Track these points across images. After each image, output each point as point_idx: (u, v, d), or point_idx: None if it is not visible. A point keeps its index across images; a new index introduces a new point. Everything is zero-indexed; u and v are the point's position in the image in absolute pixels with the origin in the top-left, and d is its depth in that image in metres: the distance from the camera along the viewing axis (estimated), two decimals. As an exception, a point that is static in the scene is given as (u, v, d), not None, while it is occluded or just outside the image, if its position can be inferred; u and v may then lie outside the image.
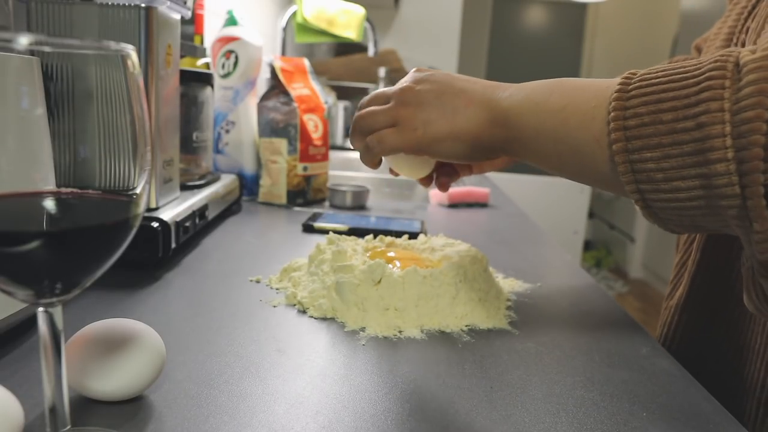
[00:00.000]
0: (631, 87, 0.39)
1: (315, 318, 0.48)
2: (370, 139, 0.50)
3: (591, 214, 3.73)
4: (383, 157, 0.53)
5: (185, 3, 0.62)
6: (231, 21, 0.95)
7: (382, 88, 0.56)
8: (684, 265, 0.62)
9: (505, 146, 0.47)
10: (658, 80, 0.38)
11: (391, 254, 0.57)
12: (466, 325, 0.48)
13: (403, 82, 0.51)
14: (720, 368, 0.56)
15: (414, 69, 0.52)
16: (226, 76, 0.93)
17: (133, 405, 0.34)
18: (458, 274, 0.51)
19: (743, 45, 0.61)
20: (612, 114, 0.39)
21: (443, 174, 0.58)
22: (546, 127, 0.44)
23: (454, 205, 1.05)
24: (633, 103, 0.38)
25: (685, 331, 0.63)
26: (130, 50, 0.26)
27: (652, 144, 0.37)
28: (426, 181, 0.57)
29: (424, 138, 0.48)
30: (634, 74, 0.40)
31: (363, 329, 0.46)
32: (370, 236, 0.67)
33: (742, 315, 0.53)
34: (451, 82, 0.49)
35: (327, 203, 0.98)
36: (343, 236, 0.63)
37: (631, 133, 0.38)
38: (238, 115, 0.94)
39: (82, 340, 0.33)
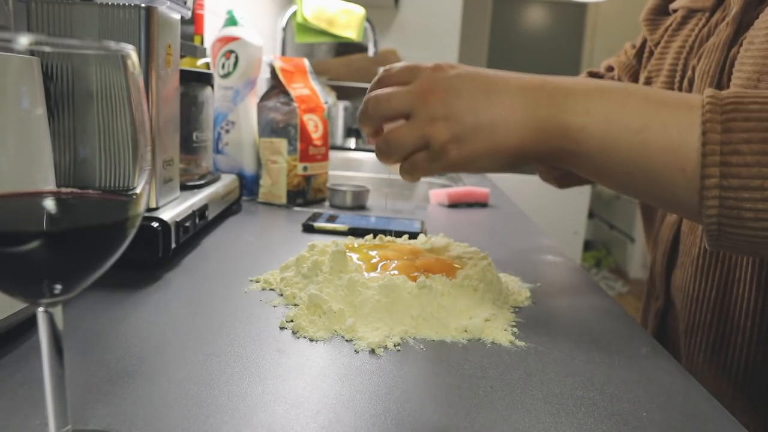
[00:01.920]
0: (725, 117, 0.36)
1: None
2: (404, 166, 0.46)
3: (591, 214, 3.73)
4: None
5: (185, 3, 0.62)
6: (231, 21, 0.95)
7: (394, 66, 0.47)
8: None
9: (556, 159, 0.43)
10: (758, 115, 0.36)
11: (425, 258, 0.58)
12: (466, 331, 0.48)
13: (425, 84, 0.43)
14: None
15: (435, 65, 0.45)
16: (226, 76, 0.93)
17: (134, 405, 0.34)
18: (473, 286, 0.51)
19: (690, 83, 0.62)
20: (707, 147, 0.36)
21: None
22: (619, 146, 0.40)
23: (454, 205, 1.05)
24: (733, 139, 0.36)
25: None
26: (130, 50, 0.26)
27: (753, 186, 0.35)
28: None
29: (458, 157, 0.43)
30: (718, 98, 0.38)
31: (365, 334, 0.46)
32: (370, 236, 0.67)
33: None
34: (488, 89, 0.42)
35: (327, 203, 0.98)
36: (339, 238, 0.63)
37: (730, 171, 0.36)
38: (238, 115, 0.94)
39: None
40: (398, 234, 0.71)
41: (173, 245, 0.59)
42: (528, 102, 0.42)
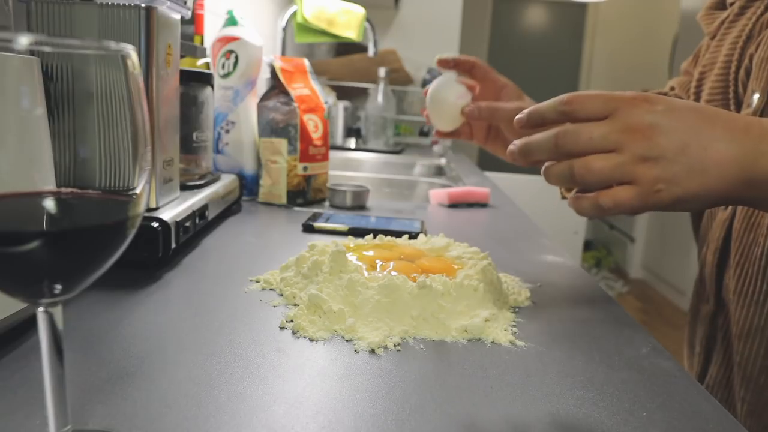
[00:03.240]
0: None
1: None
2: (603, 199, 0.43)
3: (591, 214, 3.72)
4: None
5: (185, 3, 0.62)
6: (231, 21, 0.95)
7: (586, 92, 0.44)
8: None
9: (748, 203, 0.44)
10: None
11: (424, 261, 0.58)
12: (466, 331, 0.48)
13: (629, 120, 0.42)
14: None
15: (633, 97, 0.43)
16: (226, 76, 0.93)
17: (134, 405, 0.34)
18: (473, 286, 0.51)
19: (747, 72, 0.61)
20: None
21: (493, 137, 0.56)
22: None
23: (454, 205, 1.05)
24: None
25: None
26: (130, 50, 0.26)
27: None
28: (446, 135, 0.55)
29: (668, 199, 0.42)
30: None
31: (365, 334, 0.46)
32: (370, 236, 0.67)
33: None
34: (696, 131, 0.42)
35: (327, 203, 0.98)
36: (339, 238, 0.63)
37: None
38: (238, 115, 0.94)
39: None
40: (398, 234, 0.71)
41: (173, 245, 0.59)
42: (737, 148, 0.41)
